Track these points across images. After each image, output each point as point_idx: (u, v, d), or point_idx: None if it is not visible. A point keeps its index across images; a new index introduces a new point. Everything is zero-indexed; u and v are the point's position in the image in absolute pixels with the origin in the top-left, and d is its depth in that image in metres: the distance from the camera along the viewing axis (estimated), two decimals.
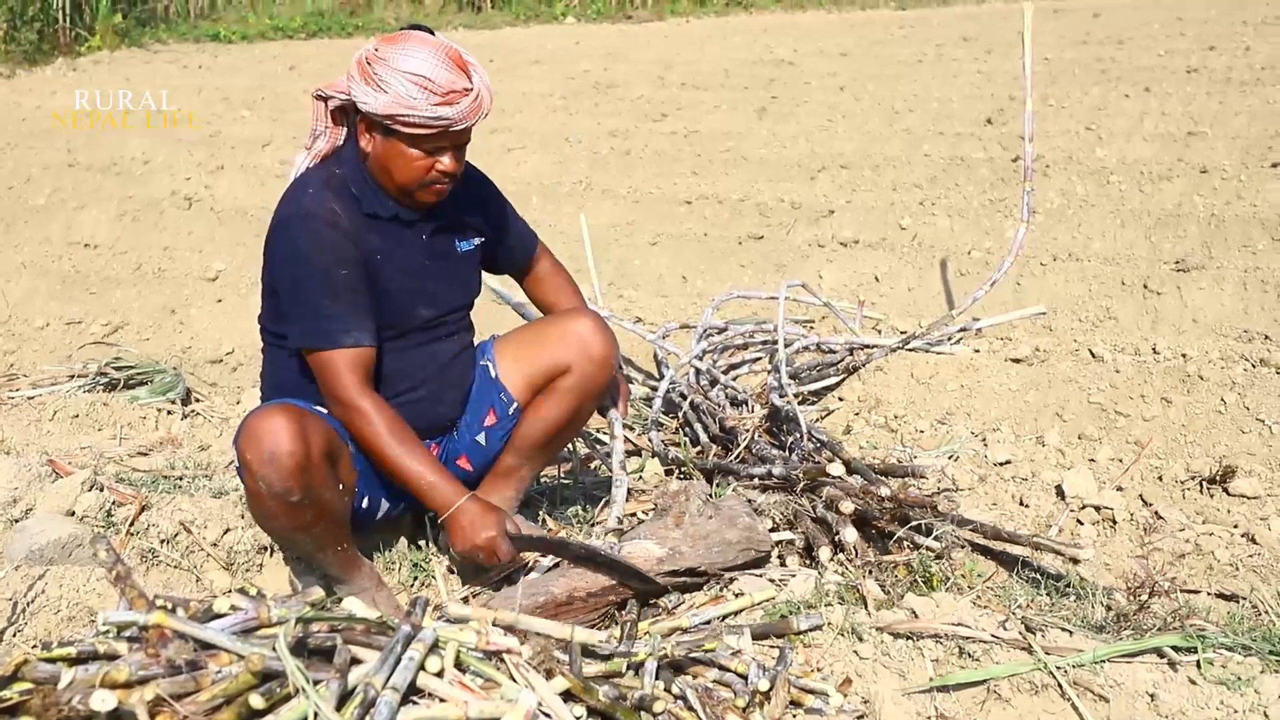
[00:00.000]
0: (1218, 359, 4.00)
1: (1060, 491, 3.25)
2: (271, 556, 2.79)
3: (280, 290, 2.46)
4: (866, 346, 4.24)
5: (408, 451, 2.41)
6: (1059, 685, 2.09)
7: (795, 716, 2.02)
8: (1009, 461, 3.51)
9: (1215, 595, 2.76)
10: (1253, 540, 3.00)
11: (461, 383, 2.70)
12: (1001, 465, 3.49)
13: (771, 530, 2.79)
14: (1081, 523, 3.14)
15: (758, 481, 3.02)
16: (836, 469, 2.89)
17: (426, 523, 2.79)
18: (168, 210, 6.68)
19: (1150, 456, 3.51)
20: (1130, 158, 6.02)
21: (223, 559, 2.74)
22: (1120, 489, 3.29)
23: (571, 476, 3.31)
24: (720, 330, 4.42)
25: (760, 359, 4.35)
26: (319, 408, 2.46)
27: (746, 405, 3.68)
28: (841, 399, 4.08)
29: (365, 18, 12.79)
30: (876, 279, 5.35)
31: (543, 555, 2.54)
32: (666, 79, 8.78)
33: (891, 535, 2.76)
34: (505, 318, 4.32)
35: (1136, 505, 3.22)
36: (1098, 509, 3.17)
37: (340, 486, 2.43)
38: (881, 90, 7.81)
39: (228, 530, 2.78)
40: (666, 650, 2.03)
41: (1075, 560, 2.70)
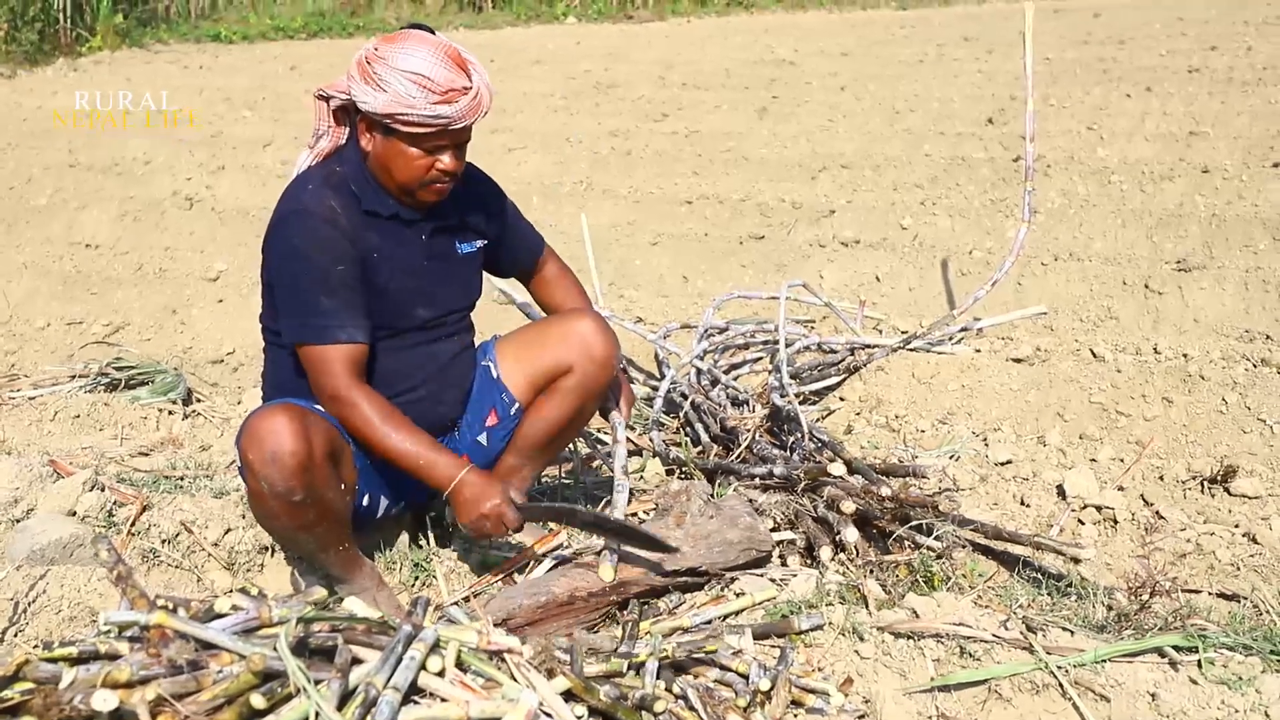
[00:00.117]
0: (1219, 359, 4.00)
1: (1061, 491, 3.25)
2: (273, 556, 2.79)
3: (276, 286, 2.47)
4: (867, 346, 4.24)
5: (401, 434, 2.39)
6: (1060, 685, 2.09)
7: (796, 716, 2.02)
8: (1010, 461, 3.51)
9: (1216, 595, 2.76)
10: (1254, 540, 3.00)
11: (462, 383, 2.70)
12: (1003, 465, 3.49)
13: (773, 530, 2.79)
14: (1083, 522, 3.14)
15: (759, 481, 3.02)
16: (838, 469, 2.89)
17: (427, 522, 2.79)
18: (169, 210, 6.69)
19: (1151, 456, 3.51)
20: (1131, 157, 6.02)
21: (224, 559, 2.74)
22: (1121, 489, 3.29)
23: (573, 476, 3.31)
24: (721, 330, 4.42)
25: (761, 359, 4.35)
26: (320, 407, 2.46)
27: (747, 405, 3.68)
28: (843, 399, 4.08)
29: (366, 18, 12.79)
30: (877, 279, 5.35)
31: (551, 523, 2.50)
32: (667, 79, 8.78)
33: (892, 535, 2.76)
34: (507, 318, 4.32)
35: (1138, 505, 3.22)
36: (1099, 509, 3.17)
37: (342, 486, 2.43)
38: (882, 90, 7.81)
39: (229, 530, 2.79)
40: (668, 650, 2.03)
41: (1076, 560, 2.70)
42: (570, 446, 3.21)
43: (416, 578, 2.70)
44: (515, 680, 1.78)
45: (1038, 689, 2.09)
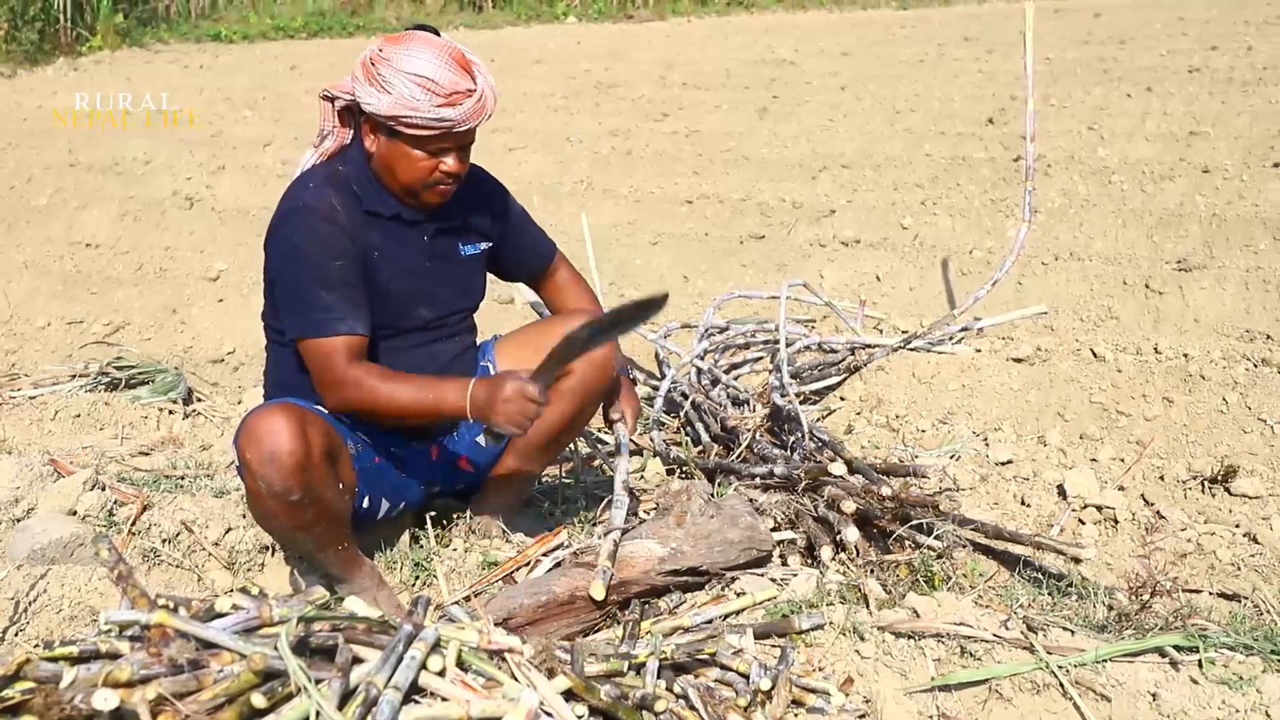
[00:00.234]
0: (1219, 359, 3.99)
1: (1062, 491, 3.25)
2: (273, 556, 2.79)
3: (278, 283, 2.47)
4: (868, 346, 4.24)
5: (406, 388, 2.37)
6: (1061, 685, 2.08)
7: (797, 716, 2.02)
8: (1010, 461, 3.51)
9: (1217, 595, 2.76)
10: (1254, 540, 3.00)
11: None
12: (1003, 465, 3.49)
13: (773, 529, 2.79)
14: (1083, 522, 3.14)
15: (759, 481, 3.02)
16: (838, 468, 2.89)
17: (428, 521, 2.79)
18: (169, 210, 6.69)
19: (1152, 456, 3.51)
20: (1132, 157, 6.02)
21: (224, 558, 2.74)
22: (1122, 488, 3.29)
23: (573, 476, 3.31)
24: (722, 330, 4.42)
25: (762, 358, 4.35)
26: (320, 407, 2.46)
27: (748, 405, 3.68)
28: (843, 398, 4.08)
29: (366, 17, 12.78)
30: (878, 278, 5.35)
31: (561, 369, 2.38)
32: (668, 79, 8.77)
33: (893, 534, 2.76)
34: (507, 318, 4.33)
35: (1138, 505, 3.22)
36: (1099, 508, 3.17)
37: (340, 486, 2.43)
38: (883, 90, 7.81)
39: (229, 530, 2.79)
40: (668, 649, 2.03)
41: (1077, 560, 2.70)
42: (570, 446, 3.20)
43: (417, 577, 2.69)
44: (516, 680, 1.78)
45: (1038, 689, 2.09)
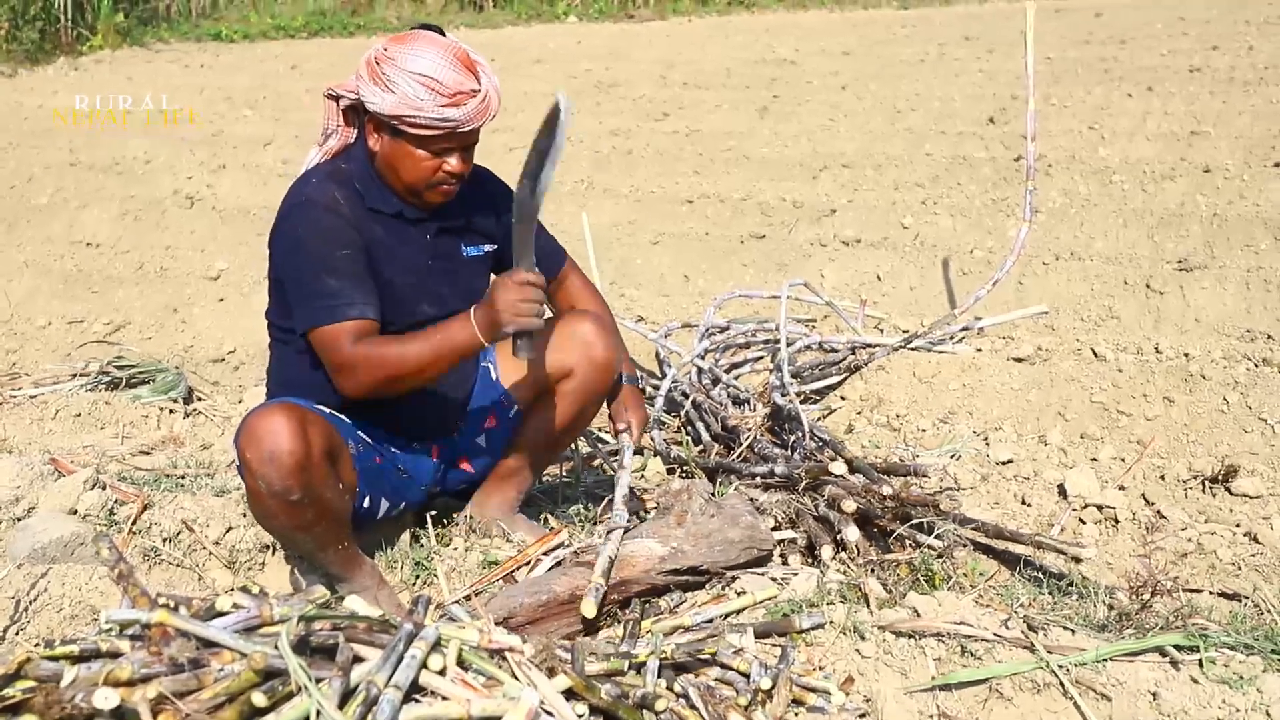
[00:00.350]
0: (1220, 358, 4.00)
1: (1062, 490, 3.25)
2: (274, 555, 2.79)
3: (284, 278, 2.46)
4: (868, 345, 4.25)
5: (413, 345, 2.34)
6: (1061, 684, 2.08)
7: (797, 715, 2.02)
8: (1011, 460, 3.51)
9: (1217, 594, 2.76)
10: (1255, 539, 3.00)
11: (463, 384, 2.70)
12: (1004, 464, 3.49)
13: (774, 529, 2.79)
14: (1084, 522, 3.14)
15: (760, 480, 3.02)
16: (839, 468, 2.89)
17: (428, 520, 2.79)
18: (170, 209, 6.69)
19: (1152, 456, 3.51)
20: (1133, 157, 6.01)
21: (225, 557, 2.74)
22: (1122, 488, 3.29)
23: (574, 476, 3.31)
24: (722, 329, 4.42)
25: (762, 358, 4.35)
26: (322, 406, 2.46)
27: (749, 404, 3.68)
28: (843, 398, 4.08)
29: (367, 17, 12.78)
30: (878, 278, 5.35)
31: (527, 237, 2.31)
32: (668, 78, 8.77)
33: (893, 534, 2.76)
34: None
35: (1139, 504, 3.22)
36: (1100, 508, 3.17)
37: (340, 485, 2.43)
38: (883, 89, 7.81)
39: (230, 529, 2.79)
40: (669, 649, 2.03)
41: (1077, 559, 2.70)
42: (571, 446, 3.20)
43: (417, 576, 2.69)
44: (516, 679, 1.78)
45: (1039, 688, 2.09)
